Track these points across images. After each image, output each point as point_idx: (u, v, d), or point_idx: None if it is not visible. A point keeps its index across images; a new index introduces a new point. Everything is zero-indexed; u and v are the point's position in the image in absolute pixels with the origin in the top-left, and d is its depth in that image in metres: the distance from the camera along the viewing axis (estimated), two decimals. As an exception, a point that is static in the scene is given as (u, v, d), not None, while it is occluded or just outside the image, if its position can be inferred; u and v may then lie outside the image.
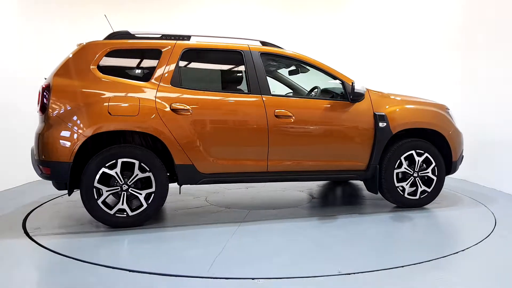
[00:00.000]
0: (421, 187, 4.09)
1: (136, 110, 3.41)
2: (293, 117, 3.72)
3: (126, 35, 3.72)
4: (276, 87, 4.47)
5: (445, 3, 6.30)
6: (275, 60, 4.23)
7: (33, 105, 5.86)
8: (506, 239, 3.28)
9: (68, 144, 3.31)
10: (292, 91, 4.60)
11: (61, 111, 3.36)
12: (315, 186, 5.44)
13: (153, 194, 3.48)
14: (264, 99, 3.71)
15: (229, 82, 4.25)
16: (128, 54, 3.74)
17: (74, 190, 3.55)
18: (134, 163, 3.42)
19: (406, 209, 4.11)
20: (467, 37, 5.79)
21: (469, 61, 5.74)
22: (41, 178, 3.41)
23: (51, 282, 2.53)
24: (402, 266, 2.64)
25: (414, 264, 2.68)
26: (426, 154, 4.06)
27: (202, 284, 2.41)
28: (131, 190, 3.44)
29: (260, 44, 4.05)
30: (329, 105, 3.89)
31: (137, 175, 3.44)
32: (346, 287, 2.38)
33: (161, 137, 3.45)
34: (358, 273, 2.54)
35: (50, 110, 3.36)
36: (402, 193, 4.05)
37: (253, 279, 2.45)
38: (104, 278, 2.49)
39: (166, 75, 3.58)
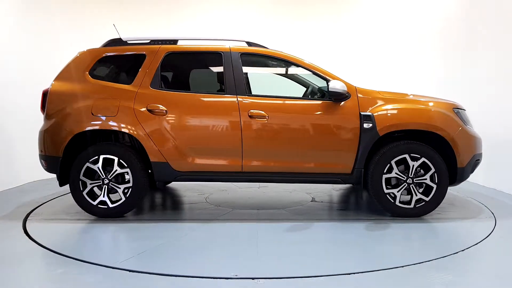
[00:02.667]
0: (416, 195, 3.72)
1: (115, 111, 3.72)
2: (268, 118, 3.69)
3: (119, 42, 4.01)
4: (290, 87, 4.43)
5: (445, 4, 6.30)
6: (257, 60, 4.23)
7: (33, 105, 5.87)
8: (506, 239, 3.28)
9: (59, 140, 3.76)
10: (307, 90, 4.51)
11: (55, 112, 3.82)
12: (330, 189, 5.23)
13: (130, 189, 3.75)
14: (239, 99, 3.74)
15: (207, 83, 4.32)
16: (117, 59, 4.02)
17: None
18: (113, 159, 3.73)
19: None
20: (467, 38, 5.79)
21: (469, 61, 5.74)
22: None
23: (51, 282, 2.53)
24: (402, 266, 2.64)
25: (414, 264, 2.68)
26: (423, 159, 3.67)
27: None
28: (111, 184, 3.75)
29: (246, 45, 4.04)
30: (309, 105, 3.76)
31: (116, 170, 3.74)
32: (346, 287, 2.38)
33: (136, 135, 3.71)
34: (358, 273, 2.54)
35: (48, 111, 3.86)
36: (392, 201, 3.73)
37: (253, 279, 2.45)
38: (104, 278, 2.48)
39: (146, 77, 3.82)
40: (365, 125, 3.64)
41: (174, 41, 4.01)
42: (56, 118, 3.80)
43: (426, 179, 3.70)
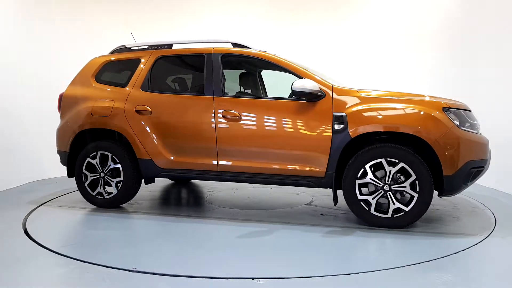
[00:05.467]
0: (393, 204, 3.36)
1: (109, 111, 4.10)
2: (240, 118, 3.71)
3: (123, 48, 4.45)
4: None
5: (445, 5, 6.30)
6: (238, 61, 4.29)
7: (33, 106, 5.88)
8: (506, 239, 3.28)
9: (66, 137, 4.28)
10: None
11: (66, 113, 4.35)
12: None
13: (121, 183, 4.09)
14: (214, 99, 3.80)
15: (190, 85, 4.42)
16: (119, 65, 4.41)
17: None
18: (108, 155, 4.11)
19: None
20: (467, 37, 5.80)
21: (468, 61, 5.75)
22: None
23: (51, 282, 2.53)
24: (402, 266, 2.64)
25: (414, 264, 2.68)
26: (401, 164, 3.31)
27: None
28: (106, 177, 4.13)
29: (231, 46, 4.09)
30: (282, 106, 3.65)
31: (110, 165, 4.11)
32: (346, 287, 2.38)
33: (125, 134, 4.07)
34: (358, 273, 2.54)
35: (61, 112, 4.42)
36: (367, 208, 3.44)
37: (253, 279, 2.45)
38: (104, 278, 2.48)
39: (138, 80, 4.14)
40: (336, 126, 3.45)
41: (170, 46, 4.26)
42: (66, 118, 4.34)
43: (405, 186, 3.34)
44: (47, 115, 6.09)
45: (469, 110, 3.60)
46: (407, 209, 3.36)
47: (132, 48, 4.40)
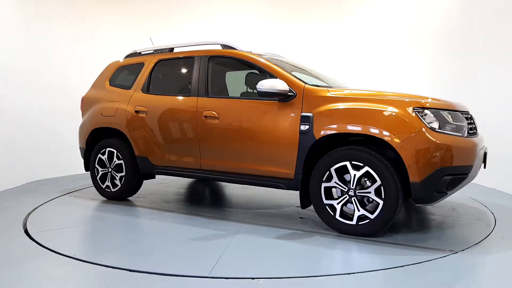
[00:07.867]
0: (358, 210, 3.17)
1: (114, 112, 4.49)
2: (219, 118, 3.77)
3: (134, 53, 4.81)
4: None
5: (444, 3, 6.31)
6: (225, 62, 4.29)
7: (33, 105, 5.88)
8: (506, 239, 3.28)
9: (83, 135, 4.81)
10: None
11: (85, 113, 4.88)
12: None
13: (123, 178, 4.43)
14: (198, 100, 3.94)
15: (182, 86, 4.49)
16: (127, 69, 4.75)
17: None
18: (114, 152, 4.49)
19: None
20: (466, 37, 5.80)
21: (468, 61, 5.75)
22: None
23: (51, 282, 2.53)
24: (402, 266, 2.64)
25: (414, 264, 2.68)
26: (366, 168, 3.11)
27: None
28: (112, 172, 4.51)
29: (220, 48, 4.14)
30: (256, 106, 3.59)
31: (115, 161, 4.49)
32: (346, 287, 2.38)
33: (126, 133, 4.39)
34: (357, 273, 2.54)
35: (82, 112, 4.96)
36: (332, 214, 3.29)
37: (253, 278, 2.45)
38: (104, 278, 2.49)
39: (140, 83, 4.47)
40: (302, 127, 3.33)
41: (171, 49, 4.51)
42: (84, 117, 4.85)
43: (370, 192, 3.13)
44: (47, 115, 6.10)
45: (457, 111, 3.18)
46: (372, 216, 3.13)
47: (142, 53, 4.71)
